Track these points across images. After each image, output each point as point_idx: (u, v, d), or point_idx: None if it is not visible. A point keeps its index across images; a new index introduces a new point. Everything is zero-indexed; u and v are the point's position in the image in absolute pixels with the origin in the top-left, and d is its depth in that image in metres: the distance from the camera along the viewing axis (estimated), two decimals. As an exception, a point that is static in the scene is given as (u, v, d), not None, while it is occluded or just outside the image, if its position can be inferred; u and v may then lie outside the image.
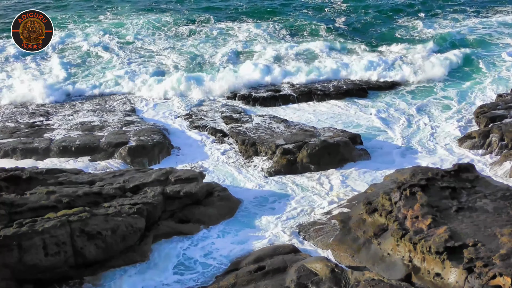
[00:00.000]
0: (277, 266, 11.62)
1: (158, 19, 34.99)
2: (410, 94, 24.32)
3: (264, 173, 17.23)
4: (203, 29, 33.11)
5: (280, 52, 28.85)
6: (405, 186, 13.27)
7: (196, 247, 13.40)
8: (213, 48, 29.87)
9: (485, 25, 34.01)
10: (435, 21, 36.04)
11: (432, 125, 20.84)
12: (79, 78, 26.32)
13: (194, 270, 12.56)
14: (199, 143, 19.70)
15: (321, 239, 13.43)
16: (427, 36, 32.41)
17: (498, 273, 10.10)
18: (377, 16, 35.58)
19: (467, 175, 14.00)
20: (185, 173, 15.57)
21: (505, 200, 12.87)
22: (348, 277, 10.85)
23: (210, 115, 21.89)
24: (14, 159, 17.81)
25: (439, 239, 11.30)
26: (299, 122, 20.89)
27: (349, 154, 18.05)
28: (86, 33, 32.40)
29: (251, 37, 31.54)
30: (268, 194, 16.20)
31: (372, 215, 13.34)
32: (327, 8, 37.66)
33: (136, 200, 13.60)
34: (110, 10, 37.96)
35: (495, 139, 18.84)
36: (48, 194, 13.11)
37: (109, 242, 12.23)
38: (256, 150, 18.30)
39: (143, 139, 18.69)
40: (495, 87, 24.31)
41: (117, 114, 21.96)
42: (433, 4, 40.18)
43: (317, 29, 32.84)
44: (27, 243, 11.31)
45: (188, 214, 14.35)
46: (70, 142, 18.56)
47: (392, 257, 12.10)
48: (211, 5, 39.07)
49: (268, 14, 36.51)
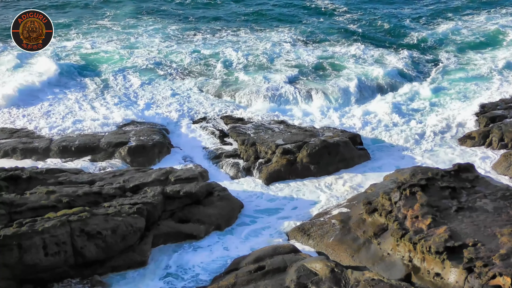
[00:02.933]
0: (277, 266, 11.63)
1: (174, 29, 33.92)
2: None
3: (263, 175, 17.23)
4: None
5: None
6: (405, 186, 13.28)
7: (197, 248, 13.43)
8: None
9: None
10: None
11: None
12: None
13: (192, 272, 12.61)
14: (199, 143, 19.69)
15: (321, 239, 13.44)
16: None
17: (498, 273, 10.12)
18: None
19: (467, 175, 14.01)
20: (185, 172, 15.58)
21: (505, 200, 12.87)
22: (348, 277, 10.85)
23: (211, 115, 21.89)
24: (14, 159, 17.80)
25: (439, 239, 11.30)
26: (299, 122, 20.92)
27: (349, 154, 18.06)
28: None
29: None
30: (268, 194, 16.21)
31: (372, 215, 13.34)
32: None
33: (136, 200, 13.60)
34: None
35: (495, 139, 18.87)
36: (48, 194, 13.12)
37: (109, 242, 12.24)
38: (256, 150, 18.29)
39: (143, 139, 18.70)
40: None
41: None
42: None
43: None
44: (27, 243, 11.32)
45: (188, 213, 14.35)
46: (70, 142, 18.56)
47: (392, 257, 12.10)
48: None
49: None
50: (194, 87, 24.67)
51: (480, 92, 23.74)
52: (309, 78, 25.68)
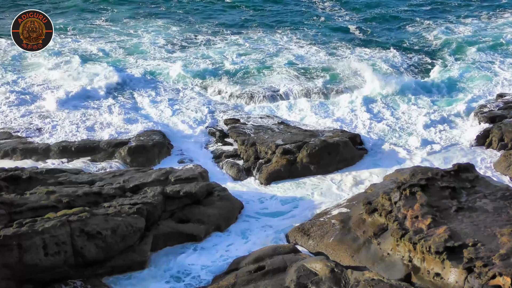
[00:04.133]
0: (277, 266, 11.63)
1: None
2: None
3: (263, 175, 17.23)
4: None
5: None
6: (405, 186, 13.28)
7: (197, 248, 13.43)
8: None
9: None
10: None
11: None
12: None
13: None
14: (199, 143, 19.69)
15: (321, 239, 13.43)
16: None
17: (498, 273, 10.12)
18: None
19: (467, 175, 14.01)
20: (185, 173, 15.58)
21: (505, 200, 12.88)
22: (348, 277, 10.86)
23: (210, 115, 21.87)
24: (14, 159, 17.79)
25: (439, 239, 11.30)
26: (299, 122, 20.92)
27: (349, 154, 18.07)
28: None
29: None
30: (268, 195, 16.22)
31: (372, 215, 13.34)
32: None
33: (136, 200, 13.60)
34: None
35: (495, 139, 18.86)
36: (48, 194, 13.11)
37: (109, 242, 12.23)
38: (256, 150, 18.29)
39: (143, 139, 18.70)
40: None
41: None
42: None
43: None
44: (27, 243, 11.31)
45: (188, 214, 14.34)
46: (70, 142, 18.54)
47: (392, 257, 12.10)
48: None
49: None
50: (194, 87, 24.71)
51: (480, 92, 23.80)
52: (310, 79, 25.71)
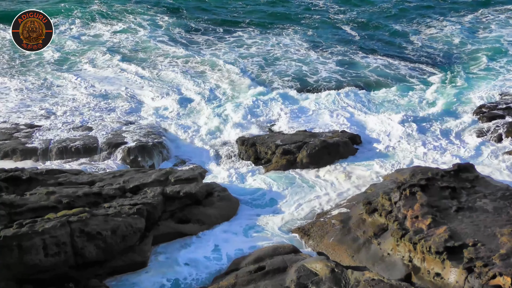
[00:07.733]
0: (277, 266, 11.63)
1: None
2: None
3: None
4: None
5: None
6: (405, 186, 13.28)
7: (197, 248, 13.44)
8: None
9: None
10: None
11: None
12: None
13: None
14: (199, 143, 19.67)
15: (321, 239, 13.44)
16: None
17: (498, 273, 10.12)
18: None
19: (467, 175, 14.02)
20: (185, 173, 15.57)
21: (505, 200, 12.88)
22: (348, 277, 10.85)
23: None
24: (14, 160, 17.79)
25: (439, 239, 11.30)
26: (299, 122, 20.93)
27: (349, 154, 18.06)
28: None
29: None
30: (268, 195, 16.21)
31: (372, 215, 13.35)
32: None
33: (136, 201, 13.59)
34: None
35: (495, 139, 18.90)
36: (48, 194, 13.11)
37: (109, 242, 12.23)
38: (256, 150, 18.29)
39: (143, 139, 18.69)
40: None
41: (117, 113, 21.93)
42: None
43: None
44: (27, 244, 11.30)
45: (188, 214, 14.34)
46: (70, 143, 18.54)
47: (392, 257, 12.10)
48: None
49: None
50: (194, 87, 24.71)
51: (480, 93, 23.85)
52: (311, 79, 25.77)
